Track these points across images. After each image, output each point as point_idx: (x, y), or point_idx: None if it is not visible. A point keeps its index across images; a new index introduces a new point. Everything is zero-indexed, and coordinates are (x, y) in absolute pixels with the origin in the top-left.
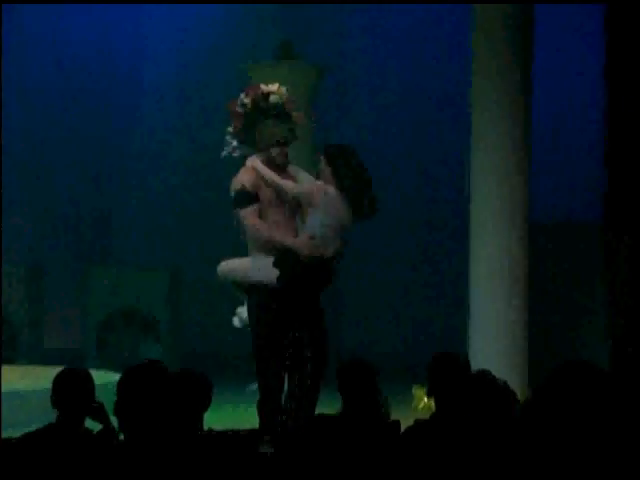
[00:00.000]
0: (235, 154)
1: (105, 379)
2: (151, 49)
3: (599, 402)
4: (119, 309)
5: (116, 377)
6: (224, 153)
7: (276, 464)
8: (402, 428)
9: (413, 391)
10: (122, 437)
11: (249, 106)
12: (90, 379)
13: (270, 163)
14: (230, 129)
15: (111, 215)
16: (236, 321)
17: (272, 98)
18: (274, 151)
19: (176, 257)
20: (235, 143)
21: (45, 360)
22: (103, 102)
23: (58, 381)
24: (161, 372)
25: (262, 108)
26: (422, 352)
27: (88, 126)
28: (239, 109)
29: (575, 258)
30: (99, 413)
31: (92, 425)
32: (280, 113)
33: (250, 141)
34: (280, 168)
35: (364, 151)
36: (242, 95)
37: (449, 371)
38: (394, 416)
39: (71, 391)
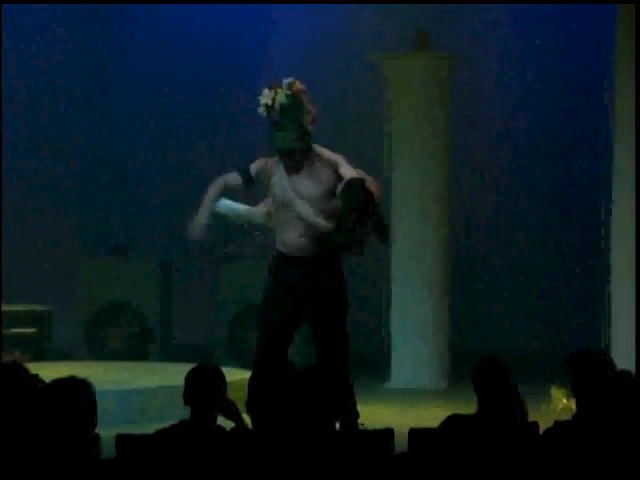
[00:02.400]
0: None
1: (235, 376)
2: (279, 41)
3: None
4: (252, 304)
5: (246, 374)
6: None
7: (411, 462)
8: (540, 430)
9: (551, 392)
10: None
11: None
12: (221, 376)
13: (284, 165)
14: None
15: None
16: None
17: (258, 111)
18: (280, 157)
19: None
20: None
21: (175, 356)
22: (232, 96)
23: (190, 377)
24: (292, 368)
25: (270, 118)
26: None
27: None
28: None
29: None
30: (231, 410)
31: (224, 423)
32: (280, 123)
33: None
34: (293, 170)
35: (498, 142)
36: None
37: (591, 370)
38: (531, 418)
39: (203, 387)
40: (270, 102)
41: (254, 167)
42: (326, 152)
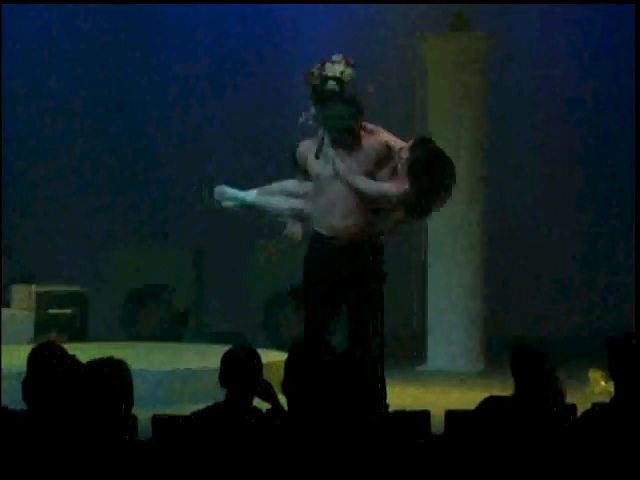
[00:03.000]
0: (310, 122)
1: (271, 358)
2: (311, 25)
3: None
4: (284, 288)
5: (281, 356)
6: (301, 120)
7: (448, 444)
8: (578, 412)
9: (589, 374)
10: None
11: (311, 88)
12: (257, 357)
13: (335, 142)
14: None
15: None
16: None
17: (329, 84)
18: (334, 134)
19: None
20: (313, 110)
21: (208, 340)
22: (262, 83)
23: (226, 359)
24: (328, 350)
25: (319, 93)
26: (598, 333)
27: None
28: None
29: None
30: (267, 392)
31: (260, 404)
32: (336, 98)
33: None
34: (346, 147)
35: (531, 121)
36: (313, 70)
37: (630, 353)
38: (569, 400)
39: (239, 369)
40: (339, 75)
41: (298, 157)
42: (371, 126)
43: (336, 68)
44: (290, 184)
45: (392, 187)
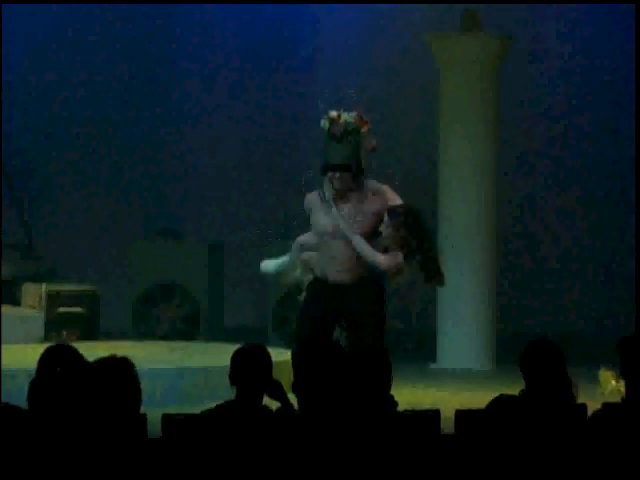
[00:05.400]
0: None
1: (283, 357)
2: (329, 18)
3: None
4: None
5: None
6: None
7: (458, 444)
8: (589, 412)
9: (600, 374)
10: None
11: (327, 127)
12: (268, 356)
13: (333, 187)
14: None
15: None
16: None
17: (321, 123)
18: (331, 175)
19: None
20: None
21: (225, 338)
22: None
23: (236, 358)
24: (338, 349)
25: (329, 131)
26: (608, 333)
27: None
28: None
29: None
30: (277, 390)
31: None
32: (340, 137)
33: None
34: (340, 193)
35: (551, 119)
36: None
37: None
38: (580, 400)
39: (249, 368)
40: (336, 117)
41: (305, 205)
42: (373, 182)
43: (336, 112)
44: (303, 238)
45: (385, 260)
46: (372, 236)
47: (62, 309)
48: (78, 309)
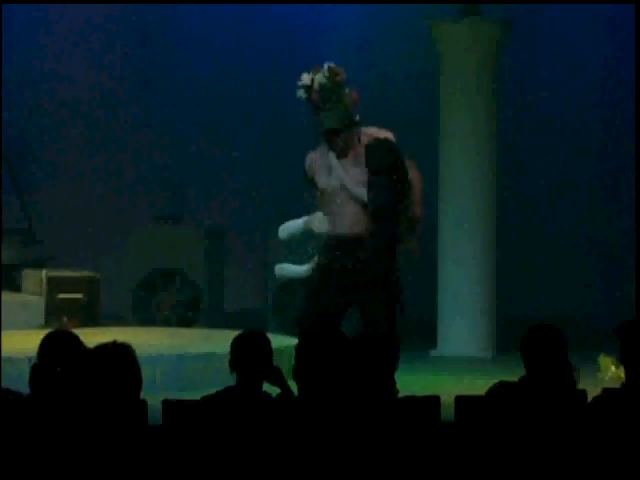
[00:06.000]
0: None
1: (282, 343)
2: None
3: None
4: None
5: (293, 341)
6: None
7: (458, 430)
8: (588, 398)
9: (600, 360)
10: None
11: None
12: (268, 342)
13: (331, 149)
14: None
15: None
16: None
17: (298, 93)
18: (327, 141)
19: None
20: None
21: (225, 324)
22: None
23: (236, 344)
24: (340, 334)
25: (311, 100)
26: (608, 318)
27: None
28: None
29: None
30: (277, 377)
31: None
32: (321, 103)
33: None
34: (343, 152)
35: (551, 107)
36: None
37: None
38: (579, 386)
39: (249, 354)
40: (309, 82)
41: (307, 170)
42: (374, 130)
43: (308, 76)
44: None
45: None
46: None
47: (62, 295)
48: (79, 295)
